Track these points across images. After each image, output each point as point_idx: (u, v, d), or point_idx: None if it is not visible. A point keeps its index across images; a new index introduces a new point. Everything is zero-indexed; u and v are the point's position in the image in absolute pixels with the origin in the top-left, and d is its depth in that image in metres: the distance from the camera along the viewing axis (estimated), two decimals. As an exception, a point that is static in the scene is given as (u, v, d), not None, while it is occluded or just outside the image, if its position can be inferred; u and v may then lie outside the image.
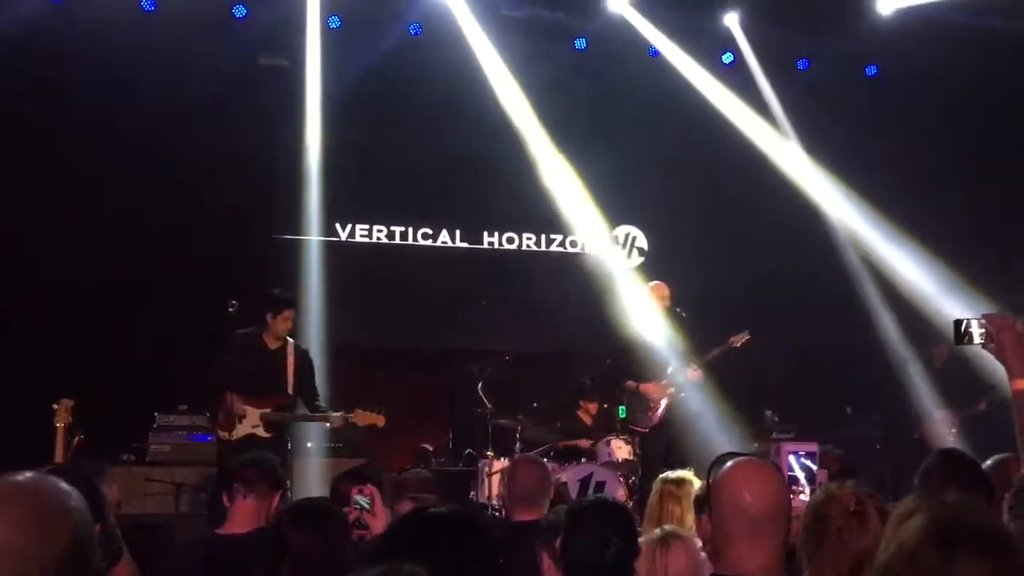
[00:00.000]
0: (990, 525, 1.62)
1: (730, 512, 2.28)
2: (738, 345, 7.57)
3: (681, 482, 4.26)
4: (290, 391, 6.78)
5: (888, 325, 9.52)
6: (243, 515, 3.81)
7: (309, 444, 8.35)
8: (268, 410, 6.65)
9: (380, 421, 6.78)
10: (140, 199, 8.42)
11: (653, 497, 4.29)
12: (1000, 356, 2.71)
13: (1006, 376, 2.70)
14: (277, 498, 3.92)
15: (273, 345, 6.82)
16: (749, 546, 2.25)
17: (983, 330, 2.76)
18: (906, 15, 9.01)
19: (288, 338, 6.87)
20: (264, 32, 8.78)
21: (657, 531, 3.21)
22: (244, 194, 8.89)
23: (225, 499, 3.88)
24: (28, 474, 1.56)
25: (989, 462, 3.58)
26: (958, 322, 2.84)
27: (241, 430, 6.55)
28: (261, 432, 6.59)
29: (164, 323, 8.02)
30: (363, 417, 6.75)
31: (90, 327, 8.04)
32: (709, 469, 2.38)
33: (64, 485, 1.56)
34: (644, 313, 7.95)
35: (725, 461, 2.35)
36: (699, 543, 3.14)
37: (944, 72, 9.10)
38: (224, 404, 6.54)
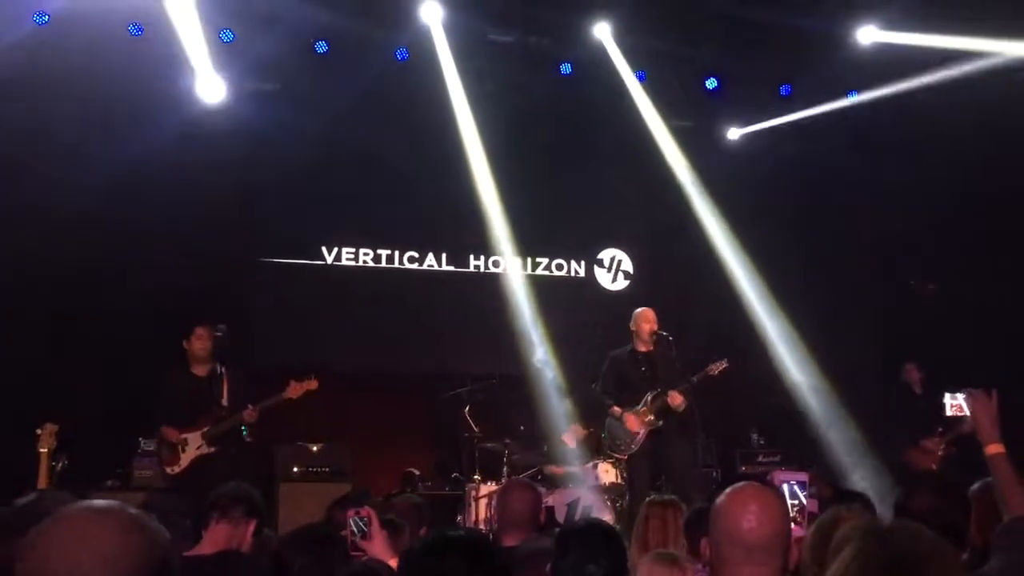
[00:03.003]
0: (913, 555, 1.65)
1: (728, 538, 2.30)
2: (716, 373, 7.47)
3: (666, 505, 4.26)
4: (224, 403, 6.81)
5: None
6: (213, 539, 3.79)
7: (295, 469, 8.32)
8: (207, 428, 6.73)
9: (313, 384, 6.82)
10: (124, 223, 8.39)
11: (639, 520, 4.28)
12: (974, 426, 3.20)
13: None
14: (253, 526, 3.89)
15: (202, 372, 6.88)
16: (746, 572, 2.27)
17: (959, 403, 3.31)
18: (885, 47, 9.13)
19: (220, 364, 6.92)
20: (251, 56, 8.79)
21: (655, 554, 3.19)
22: (230, 218, 8.91)
23: (202, 530, 3.87)
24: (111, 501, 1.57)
25: (976, 485, 3.61)
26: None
27: (186, 458, 6.68)
28: (205, 449, 6.70)
29: (149, 346, 7.97)
30: (296, 388, 6.78)
31: (75, 351, 7.99)
32: (712, 493, 2.40)
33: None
34: (628, 337, 7.93)
35: (728, 485, 2.37)
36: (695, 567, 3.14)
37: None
38: (164, 440, 6.75)
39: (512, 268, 10.03)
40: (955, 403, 3.35)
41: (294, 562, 2.85)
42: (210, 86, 8.58)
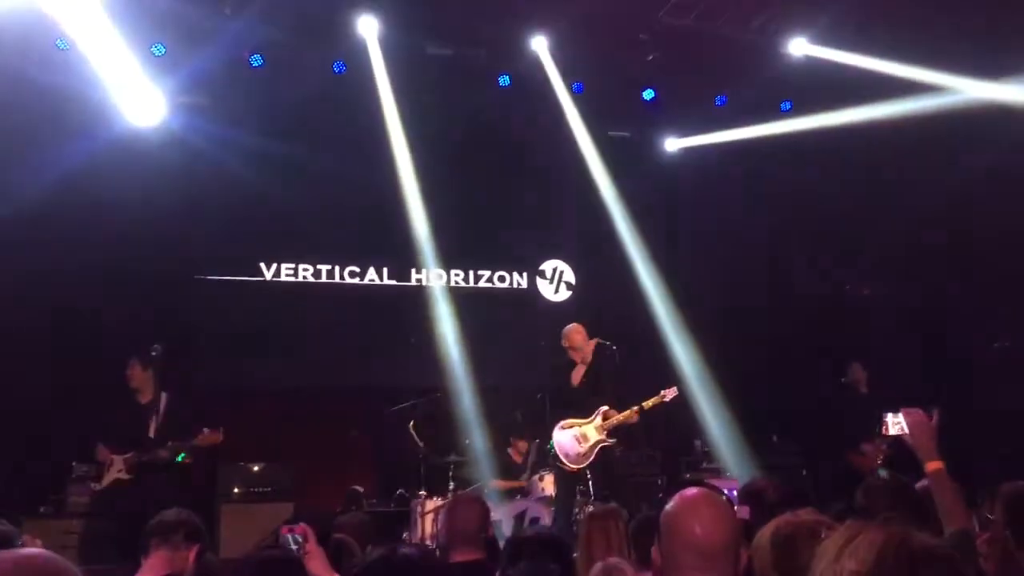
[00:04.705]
0: (939, 544, 1.67)
1: (680, 544, 2.28)
2: (668, 399, 7.47)
3: (608, 515, 4.25)
4: (151, 436, 6.82)
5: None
6: (153, 565, 3.66)
7: (236, 489, 8.15)
8: (130, 455, 6.76)
9: (217, 438, 6.82)
10: (60, 241, 8.16)
11: (581, 532, 4.27)
12: (913, 444, 3.19)
13: None
14: (195, 551, 3.79)
15: (144, 399, 6.94)
16: (698, 578, 2.26)
17: (899, 423, 3.25)
18: (818, 60, 9.31)
19: (163, 392, 6.94)
20: (184, 70, 8.63)
21: (600, 564, 3.18)
22: (166, 234, 8.71)
23: (142, 557, 3.75)
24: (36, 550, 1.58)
25: (921, 483, 3.66)
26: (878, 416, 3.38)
27: (108, 478, 6.80)
28: (123, 476, 6.76)
29: (85, 368, 7.76)
30: (203, 439, 6.77)
31: (7, 375, 7.72)
32: (659, 500, 2.40)
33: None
34: (571, 352, 7.86)
35: (678, 491, 2.35)
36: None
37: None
38: (96, 457, 6.90)
39: (454, 281, 10.02)
40: (896, 421, 3.36)
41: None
42: (143, 100, 8.42)
